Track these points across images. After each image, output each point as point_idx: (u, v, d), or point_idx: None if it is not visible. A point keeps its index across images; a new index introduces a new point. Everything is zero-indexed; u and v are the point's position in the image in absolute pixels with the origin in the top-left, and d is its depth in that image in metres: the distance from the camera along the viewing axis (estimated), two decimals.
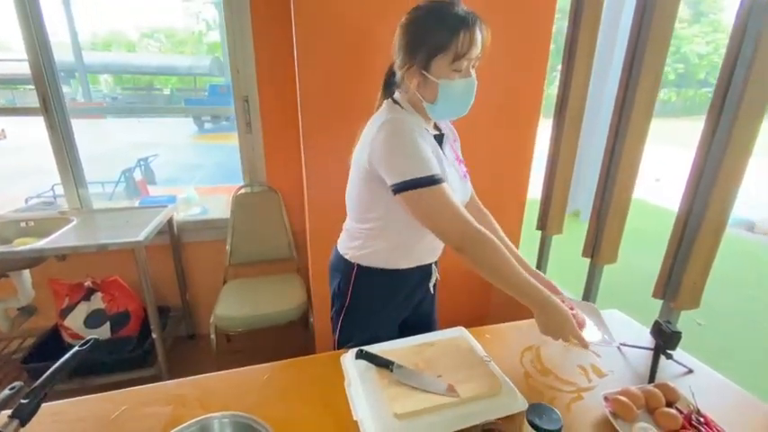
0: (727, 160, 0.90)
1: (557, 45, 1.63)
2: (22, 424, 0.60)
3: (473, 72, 0.84)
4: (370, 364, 0.82)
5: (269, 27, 1.88)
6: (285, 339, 0.93)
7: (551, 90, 1.89)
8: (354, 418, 0.73)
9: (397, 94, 0.90)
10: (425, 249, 0.97)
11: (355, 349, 0.86)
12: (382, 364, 0.81)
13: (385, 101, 0.91)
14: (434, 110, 0.86)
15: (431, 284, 1.04)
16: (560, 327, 0.78)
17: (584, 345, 0.79)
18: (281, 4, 1.66)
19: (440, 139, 0.92)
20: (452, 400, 0.73)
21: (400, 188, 0.78)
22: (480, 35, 0.79)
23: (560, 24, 1.65)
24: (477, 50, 0.80)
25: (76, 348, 0.69)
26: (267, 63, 1.93)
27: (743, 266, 3.87)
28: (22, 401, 0.60)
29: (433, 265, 1.03)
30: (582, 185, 5.22)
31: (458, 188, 0.91)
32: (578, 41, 1.37)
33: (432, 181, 0.77)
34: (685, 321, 2.70)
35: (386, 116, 0.84)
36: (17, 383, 0.63)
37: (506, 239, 0.98)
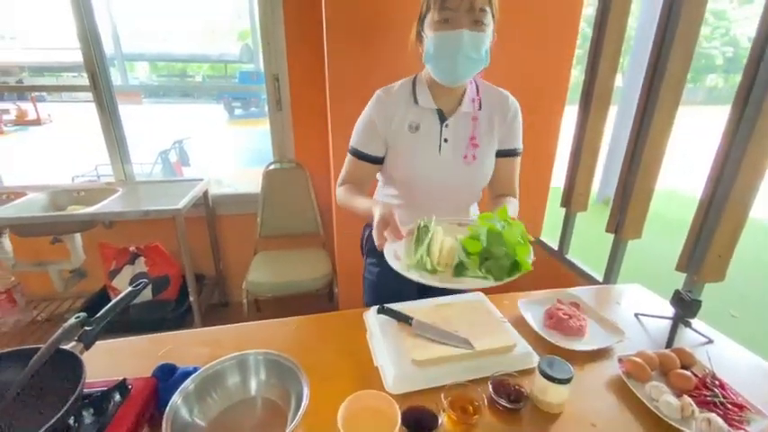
0: (757, 127, 0.88)
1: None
2: (86, 348, 0.68)
3: (467, 25, 0.80)
4: (390, 319, 0.87)
5: (299, 7, 1.92)
6: (311, 309, 1.01)
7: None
8: (375, 365, 0.79)
9: None
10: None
11: (377, 306, 0.92)
12: (402, 318, 0.86)
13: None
14: (431, 70, 0.88)
15: None
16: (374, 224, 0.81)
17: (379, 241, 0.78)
18: None
19: (441, 114, 0.93)
20: (468, 352, 0.77)
21: None
22: None
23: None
24: (459, 2, 0.78)
25: (130, 288, 0.77)
26: (297, 43, 1.98)
27: None
28: (86, 329, 0.69)
29: None
30: (614, 174, 5.05)
31: (434, 166, 0.94)
32: (607, 24, 1.34)
33: (350, 149, 1.01)
34: (719, 314, 2.63)
35: (384, 87, 0.99)
36: (81, 314, 0.72)
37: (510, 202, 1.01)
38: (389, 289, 1.06)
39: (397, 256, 0.83)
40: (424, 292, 1.01)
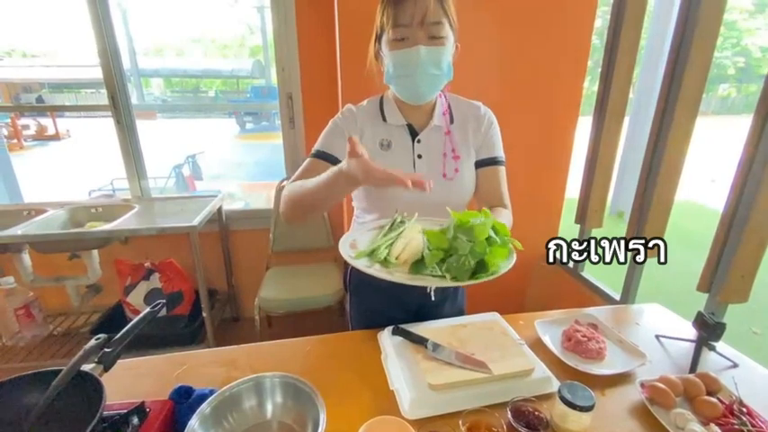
0: None
1: (602, 41, 1.61)
2: (106, 369, 0.69)
3: (423, 40, 0.78)
4: (405, 341, 0.86)
5: (312, 28, 1.96)
6: (323, 325, 1.01)
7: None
8: (391, 388, 0.77)
9: None
10: None
11: (391, 327, 0.91)
12: (417, 340, 0.85)
13: None
14: (394, 89, 0.88)
15: (429, 290, 0.97)
16: (362, 174, 0.67)
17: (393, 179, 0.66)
18: (325, 5, 1.74)
19: (412, 129, 0.91)
20: (485, 376, 0.76)
21: None
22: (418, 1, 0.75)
23: (607, 18, 1.63)
24: (410, 18, 0.76)
25: (149, 309, 0.78)
26: (310, 62, 2.02)
27: None
28: (106, 350, 0.70)
29: None
30: (627, 187, 4.99)
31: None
32: (621, 35, 1.33)
33: (312, 153, 0.91)
34: (740, 330, 2.54)
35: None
36: (101, 335, 0.73)
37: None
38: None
39: (354, 245, 0.77)
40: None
